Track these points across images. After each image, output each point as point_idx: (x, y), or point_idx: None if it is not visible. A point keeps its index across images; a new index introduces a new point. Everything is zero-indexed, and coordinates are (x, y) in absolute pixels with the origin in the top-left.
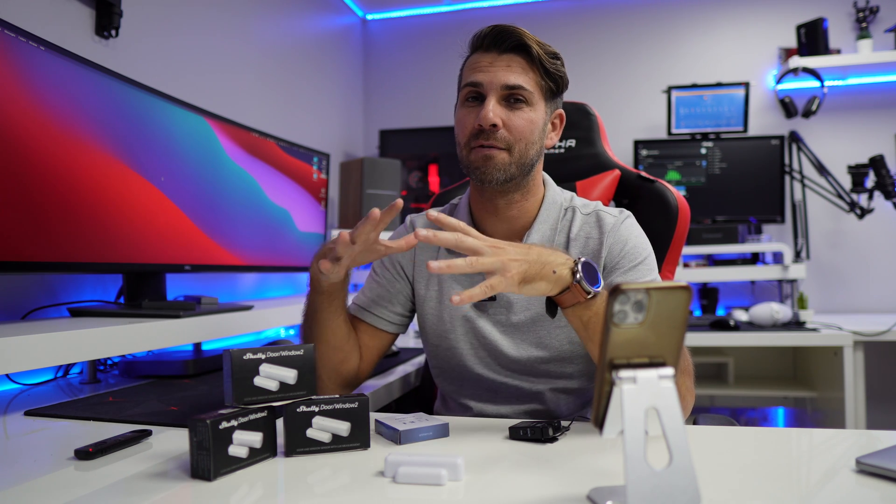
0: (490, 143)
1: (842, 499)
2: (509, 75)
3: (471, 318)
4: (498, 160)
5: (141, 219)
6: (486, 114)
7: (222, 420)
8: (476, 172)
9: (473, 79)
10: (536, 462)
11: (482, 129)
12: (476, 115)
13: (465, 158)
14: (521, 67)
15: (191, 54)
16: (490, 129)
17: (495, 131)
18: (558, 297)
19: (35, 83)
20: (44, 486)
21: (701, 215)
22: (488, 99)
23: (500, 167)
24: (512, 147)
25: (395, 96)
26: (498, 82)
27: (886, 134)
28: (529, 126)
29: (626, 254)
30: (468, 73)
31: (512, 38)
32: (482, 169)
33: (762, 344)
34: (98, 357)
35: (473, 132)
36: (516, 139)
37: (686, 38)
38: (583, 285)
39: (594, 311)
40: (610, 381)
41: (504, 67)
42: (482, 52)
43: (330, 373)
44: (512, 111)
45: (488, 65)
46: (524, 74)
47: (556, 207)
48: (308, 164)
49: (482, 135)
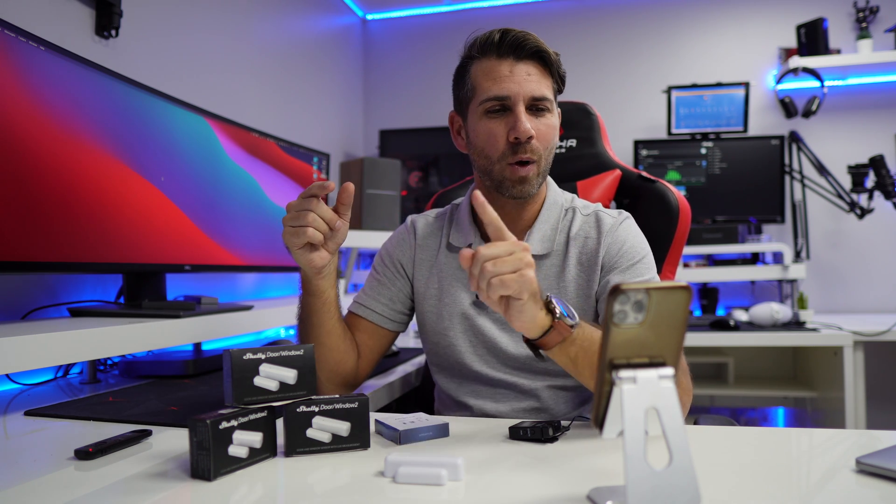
0: (527, 157)
1: (842, 499)
2: (533, 85)
3: (470, 315)
4: (532, 177)
5: (141, 219)
6: (524, 127)
7: (222, 420)
8: (511, 190)
9: (498, 92)
10: (536, 462)
11: (518, 141)
12: (506, 126)
13: (496, 173)
14: (539, 74)
15: (191, 54)
16: (525, 141)
17: (530, 143)
18: (541, 341)
19: (35, 83)
20: (44, 486)
21: (701, 215)
22: (519, 110)
23: (533, 181)
24: (541, 157)
25: (395, 96)
26: (526, 94)
27: (886, 134)
28: (553, 132)
29: (623, 253)
30: (487, 83)
31: (530, 43)
32: (518, 187)
33: (762, 344)
34: (98, 357)
35: (509, 146)
36: (544, 147)
37: (686, 38)
38: (565, 320)
39: (579, 345)
40: (610, 381)
41: (525, 76)
42: (497, 59)
43: (328, 374)
44: (538, 119)
45: (509, 74)
46: (544, 81)
47: (558, 208)
48: (308, 164)
49: (519, 148)
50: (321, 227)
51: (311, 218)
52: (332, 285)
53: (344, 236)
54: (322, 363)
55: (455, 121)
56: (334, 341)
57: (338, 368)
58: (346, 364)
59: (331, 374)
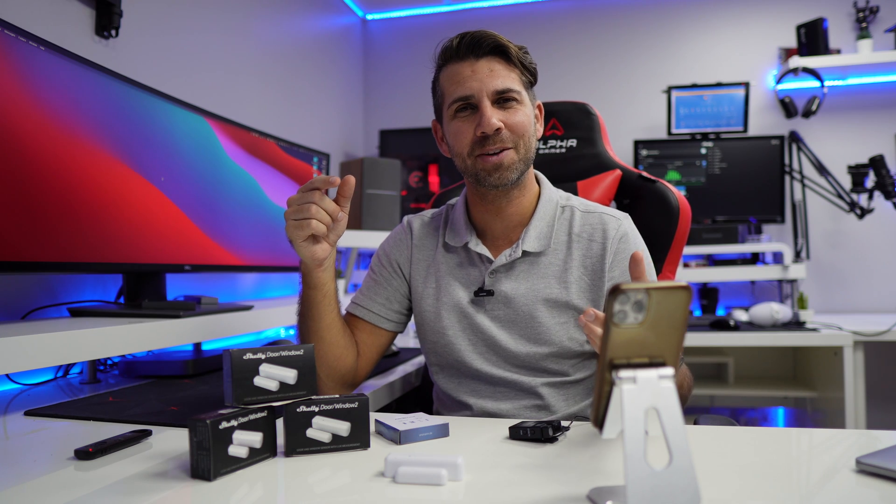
0: (498, 147)
1: (842, 499)
2: (496, 80)
3: (469, 313)
4: (508, 162)
5: (141, 219)
6: (488, 120)
7: (222, 420)
8: (488, 179)
9: (461, 93)
10: (536, 462)
11: (485, 136)
12: (473, 124)
13: (470, 168)
14: (502, 69)
15: (191, 54)
16: (494, 133)
17: (499, 134)
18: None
19: (35, 83)
20: (44, 486)
21: (701, 215)
22: (483, 105)
23: (512, 167)
24: (518, 144)
25: (395, 96)
26: (488, 89)
27: (886, 134)
28: (527, 121)
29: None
30: (452, 87)
31: (486, 41)
32: (495, 175)
33: (762, 344)
34: (98, 357)
35: (475, 141)
36: (519, 135)
37: (686, 38)
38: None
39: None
40: (610, 381)
41: (487, 73)
42: (458, 62)
43: (328, 370)
44: (507, 111)
45: (471, 74)
46: (508, 75)
47: (553, 205)
48: (308, 164)
49: (486, 141)
50: (324, 219)
51: (315, 210)
52: (332, 278)
53: (343, 228)
54: (322, 359)
55: (437, 129)
56: (334, 336)
57: (337, 364)
58: (346, 361)
59: (330, 371)
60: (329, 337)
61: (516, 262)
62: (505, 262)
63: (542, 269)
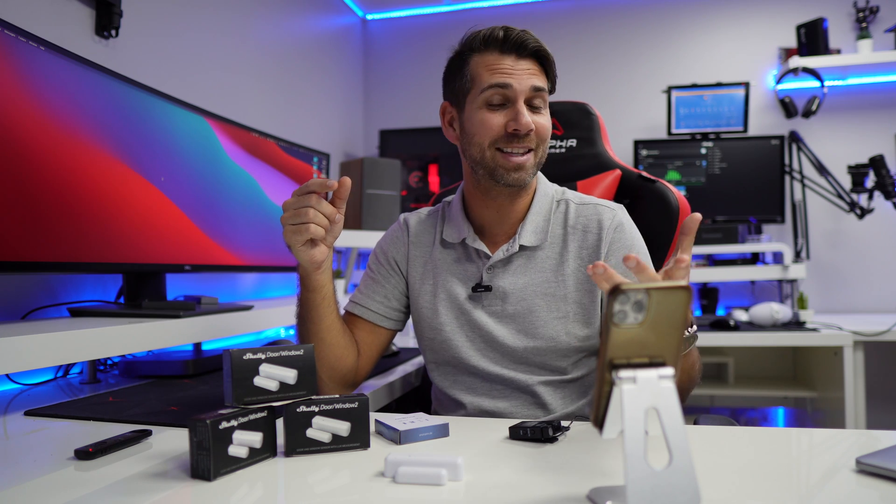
0: (525, 147)
1: (842, 499)
2: (534, 79)
3: (466, 309)
4: (528, 165)
5: (141, 219)
6: (526, 120)
7: (222, 420)
8: (506, 178)
9: (501, 80)
10: (536, 462)
11: (516, 133)
12: (504, 118)
13: (488, 160)
14: (538, 71)
15: (191, 54)
16: (526, 134)
17: (529, 135)
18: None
19: (35, 83)
20: (44, 486)
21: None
22: (520, 103)
23: (530, 170)
24: (538, 148)
25: (395, 96)
26: (526, 86)
27: (886, 134)
28: (548, 127)
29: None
30: (489, 74)
31: (532, 43)
32: (513, 174)
33: (762, 344)
34: (98, 357)
35: (504, 135)
36: (541, 140)
37: (686, 38)
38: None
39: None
40: (610, 381)
41: (527, 72)
42: (500, 54)
43: (328, 371)
44: (536, 114)
45: (511, 68)
46: (542, 78)
47: (548, 199)
48: (308, 164)
49: (514, 139)
50: (322, 223)
51: (312, 214)
52: (331, 280)
53: (340, 230)
54: (322, 360)
55: (447, 112)
56: (334, 337)
57: (338, 365)
58: (346, 361)
59: (331, 372)
60: (329, 338)
61: (513, 257)
62: (502, 258)
63: (539, 262)
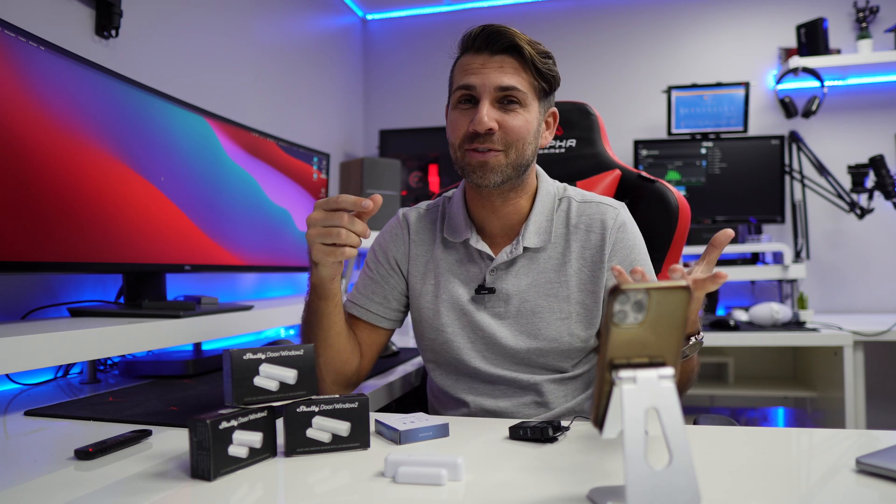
0: (486, 147)
1: (842, 499)
2: (502, 77)
3: (468, 310)
4: (493, 163)
5: (141, 219)
6: (480, 118)
7: (222, 420)
8: (472, 176)
9: (466, 81)
10: (536, 462)
11: (477, 133)
12: (469, 118)
13: (459, 160)
14: (513, 68)
15: (191, 54)
16: (486, 133)
17: (491, 135)
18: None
19: (35, 83)
20: (44, 486)
21: (701, 215)
22: (482, 102)
23: (497, 170)
24: (509, 148)
25: (395, 96)
26: (491, 84)
27: (886, 134)
28: (525, 127)
29: (633, 260)
30: (460, 75)
31: (503, 38)
32: (478, 172)
33: (762, 344)
34: (98, 357)
35: (467, 135)
36: (513, 140)
37: (686, 38)
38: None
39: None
40: (610, 381)
41: (497, 69)
42: (473, 54)
43: (334, 375)
44: (506, 113)
45: (480, 66)
46: (517, 75)
47: (550, 198)
48: (308, 164)
49: (477, 138)
50: (355, 243)
51: (345, 235)
52: (339, 288)
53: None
54: (329, 365)
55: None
56: (342, 342)
57: (343, 369)
58: (351, 364)
59: (336, 376)
60: (338, 344)
61: (517, 259)
62: (506, 259)
63: (542, 263)
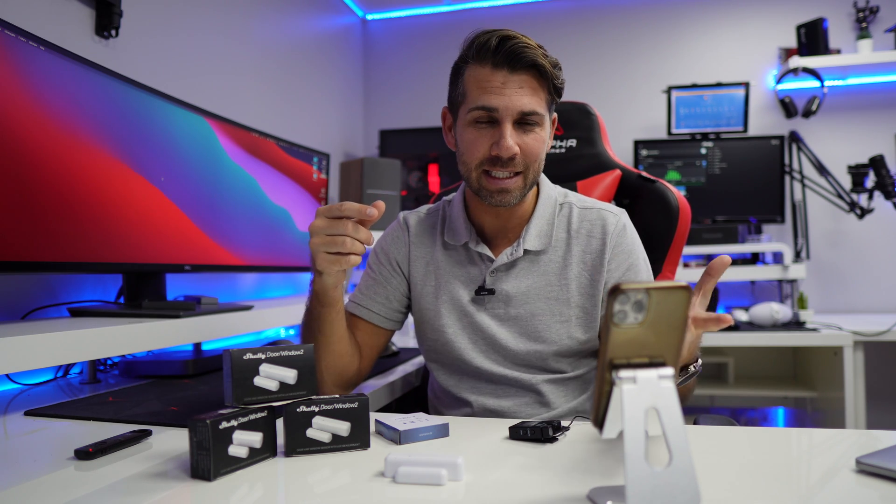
0: (509, 171)
1: (842, 499)
2: (523, 99)
3: (469, 311)
4: (514, 189)
5: (141, 219)
6: (507, 145)
7: (222, 420)
8: (490, 199)
9: (487, 103)
10: (536, 462)
11: (499, 157)
12: (488, 138)
13: (474, 182)
14: (532, 88)
15: (191, 54)
16: (510, 158)
17: (513, 160)
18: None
19: (35, 83)
20: (44, 486)
21: (701, 215)
22: (505, 126)
23: (515, 192)
24: (528, 169)
25: (395, 96)
26: (514, 108)
27: (886, 134)
28: (541, 146)
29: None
30: (477, 92)
31: (526, 58)
32: (497, 197)
33: (762, 344)
34: (98, 357)
35: (487, 158)
36: (531, 161)
37: (686, 38)
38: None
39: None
40: (610, 381)
41: (517, 90)
42: (492, 69)
43: (335, 378)
44: (526, 134)
45: (501, 86)
46: (535, 96)
47: (552, 202)
48: (308, 164)
49: (498, 162)
50: (359, 251)
51: (350, 244)
52: (342, 292)
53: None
54: (331, 368)
55: (447, 118)
56: (344, 346)
57: (345, 372)
58: (353, 366)
59: (338, 379)
60: (340, 349)
61: (517, 261)
62: (506, 262)
63: (543, 266)
